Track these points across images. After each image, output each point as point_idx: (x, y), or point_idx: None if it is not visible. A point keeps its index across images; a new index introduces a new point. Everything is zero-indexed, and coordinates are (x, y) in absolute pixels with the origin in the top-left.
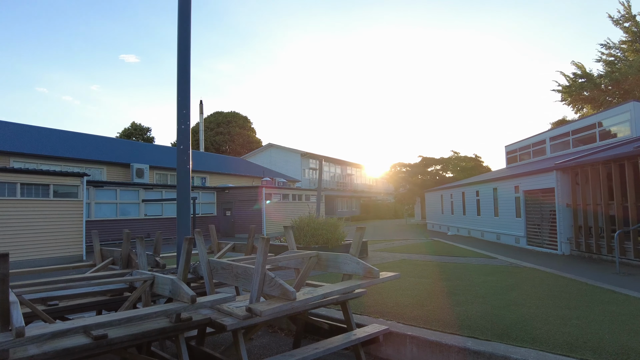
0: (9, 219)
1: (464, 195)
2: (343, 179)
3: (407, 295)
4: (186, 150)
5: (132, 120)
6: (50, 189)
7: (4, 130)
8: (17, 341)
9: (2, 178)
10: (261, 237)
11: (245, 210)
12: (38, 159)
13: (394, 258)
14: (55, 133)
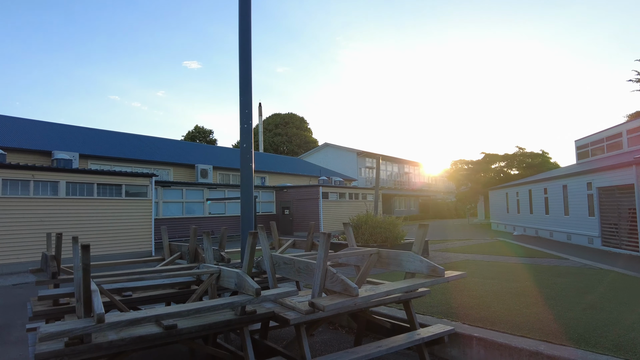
0: (87, 217)
1: (530, 193)
2: (400, 177)
3: (472, 296)
4: (249, 148)
5: (195, 124)
6: (123, 189)
7: (82, 135)
8: (98, 326)
9: (82, 179)
10: (322, 232)
11: (303, 208)
12: (111, 161)
13: (457, 258)
14: (126, 137)
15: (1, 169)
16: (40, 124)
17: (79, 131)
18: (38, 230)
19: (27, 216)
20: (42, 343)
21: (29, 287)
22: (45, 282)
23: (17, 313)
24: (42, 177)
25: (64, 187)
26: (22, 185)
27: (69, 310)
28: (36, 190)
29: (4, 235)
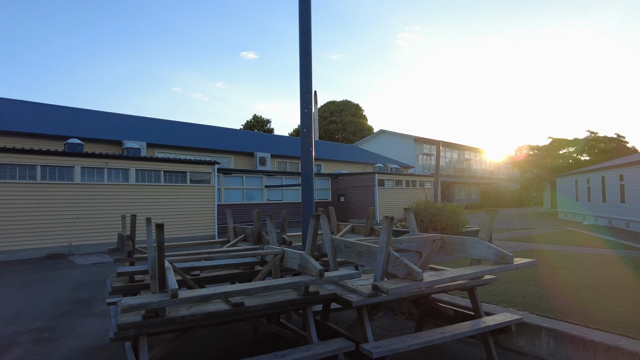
0: (155, 202)
1: (603, 180)
2: (460, 164)
3: (539, 285)
4: (309, 133)
5: (253, 113)
6: (187, 176)
7: (149, 126)
8: (172, 301)
9: (150, 166)
10: (385, 216)
11: (358, 196)
12: (176, 150)
13: (522, 248)
14: (190, 126)
15: (80, 157)
16: (111, 115)
17: (146, 122)
18: (111, 214)
19: (102, 201)
20: (123, 315)
21: (106, 266)
22: (123, 260)
23: (98, 289)
24: (114, 165)
25: (134, 174)
26: (97, 173)
27: (143, 286)
28: (109, 177)
29: (83, 218)
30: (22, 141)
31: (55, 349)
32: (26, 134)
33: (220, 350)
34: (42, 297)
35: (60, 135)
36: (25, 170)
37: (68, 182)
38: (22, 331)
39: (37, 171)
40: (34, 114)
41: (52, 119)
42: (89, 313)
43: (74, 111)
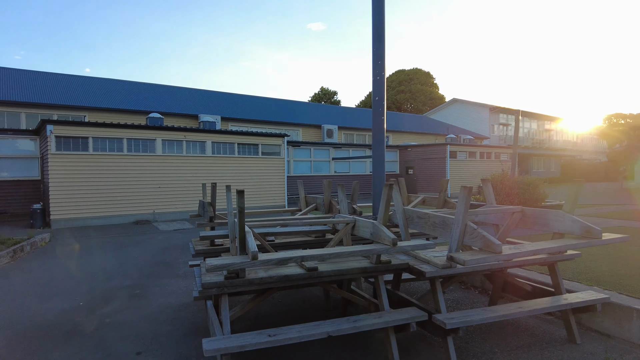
0: (229, 173)
1: None
2: (539, 135)
3: (627, 265)
4: (381, 101)
5: (320, 85)
6: (259, 148)
7: (222, 100)
8: (252, 263)
9: (224, 139)
10: (463, 186)
11: (427, 168)
12: (247, 123)
13: (608, 224)
14: (260, 100)
15: (161, 130)
16: (188, 90)
17: (219, 96)
18: (190, 183)
19: (181, 172)
20: (207, 274)
21: (186, 232)
22: (205, 224)
23: (179, 253)
24: (191, 138)
25: (210, 146)
26: (176, 145)
27: (224, 250)
28: (187, 149)
29: (164, 187)
30: (110, 116)
31: (146, 305)
32: (113, 110)
33: (292, 313)
34: (133, 258)
35: (142, 110)
36: (114, 143)
37: (151, 153)
38: (118, 287)
39: (124, 144)
40: (120, 91)
41: (135, 95)
42: (173, 274)
43: (154, 87)
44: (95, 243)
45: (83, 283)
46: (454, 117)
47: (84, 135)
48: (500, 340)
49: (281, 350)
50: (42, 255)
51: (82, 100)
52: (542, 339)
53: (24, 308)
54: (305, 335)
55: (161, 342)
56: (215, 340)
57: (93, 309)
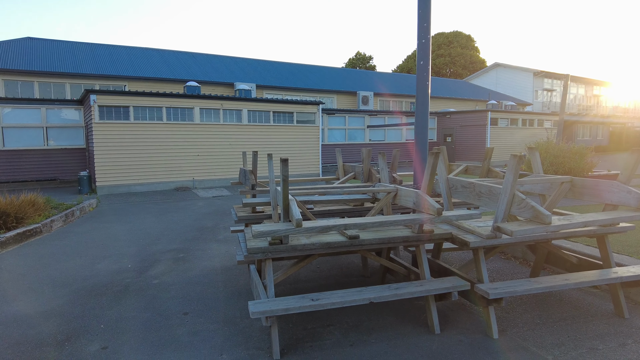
0: (265, 141)
1: None
2: (587, 101)
3: None
4: (426, 65)
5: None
6: (294, 116)
7: (257, 68)
8: (296, 230)
9: (260, 107)
10: (512, 154)
11: (467, 136)
12: (282, 90)
13: None
14: (294, 67)
15: (198, 99)
16: (223, 58)
17: (253, 63)
18: (227, 151)
19: (218, 140)
20: (252, 240)
21: (225, 199)
22: (247, 191)
23: (220, 218)
24: (228, 106)
25: (246, 114)
26: (214, 113)
27: (265, 217)
28: (224, 118)
29: (203, 155)
30: (149, 85)
31: (190, 268)
32: (152, 79)
33: (331, 279)
34: (175, 223)
35: (180, 79)
36: (153, 112)
37: (189, 122)
38: (162, 251)
39: (163, 112)
40: (157, 60)
41: (172, 64)
42: (214, 239)
43: (191, 55)
44: (139, 208)
45: (130, 246)
46: (495, 82)
47: (125, 105)
48: (542, 312)
49: (321, 313)
50: (91, 220)
51: (122, 69)
52: (586, 311)
53: (78, 268)
54: (347, 300)
55: (206, 304)
56: (260, 303)
57: (141, 271)
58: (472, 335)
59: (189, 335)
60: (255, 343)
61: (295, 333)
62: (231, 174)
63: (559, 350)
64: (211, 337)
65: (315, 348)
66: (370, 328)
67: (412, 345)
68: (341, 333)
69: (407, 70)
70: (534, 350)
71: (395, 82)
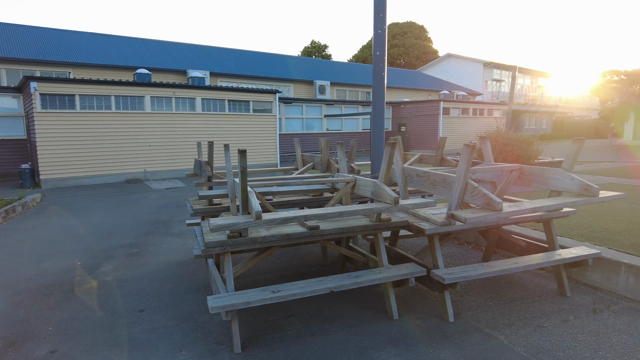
0: (220, 130)
1: None
2: (533, 91)
3: (618, 221)
4: (382, 56)
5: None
6: (250, 105)
7: (211, 55)
8: (256, 222)
9: (215, 95)
10: (465, 144)
11: (420, 125)
12: (237, 78)
13: (598, 181)
14: (250, 55)
15: (149, 87)
16: (175, 45)
17: (207, 50)
18: (180, 141)
19: (171, 129)
20: (210, 234)
21: (179, 191)
22: (203, 184)
23: (175, 211)
24: (181, 95)
25: (200, 103)
26: (165, 102)
27: (223, 209)
28: (177, 106)
29: (155, 146)
30: (96, 72)
31: (145, 264)
32: (99, 66)
33: (291, 269)
34: (128, 217)
35: (129, 66)
36: (101, 100)
37: (140, 111)
38: (115, 246)
39: (111, 101)
40: (105, 46)
41: (120, 50)
42: (169, 233)
43: (141, 41)
44: (88, 202)
45: (79, 242)
46: (447, 72)
47: (71, 93)
48: (494, 294)
49: (282, 304)
50: (35, 216)
51: (66, 55)
52: (534, 292)
53: (22, 268)
54: (308, 291)
55: (163, 300)
56: (220, 297)
57: (92, 268)
58: (429, 319)
59: (146, 333)
60: (216, 338)
61: (256, 325)
62: (186, 165)
63: (509, 330)
64: (169, 334)
65: (276, 339)
66: (332, 317)
67: (372, 331)
68: (302, 323)
69: (363, 60)
70: (487, 332)
71: (351, 72)
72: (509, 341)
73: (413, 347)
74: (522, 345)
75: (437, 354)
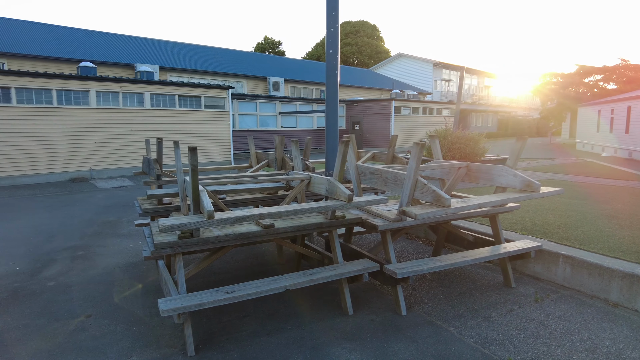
0: (170, 127)
1: (629, 111)
2: (480, 91)
3: (557, 215)
4: (335, 54)
5: (264, 34)
6: (202, 101)
7: (161, 48)
8: (208, 222)
9: (164, 90)
10: (415, 143)
11: (373, 123)
12: (188, 73)
13: (539, 177)
14: (201, 49)
15: (95, 81)
16: (122, 37)
17: (157, 44)
18: (128, 138)
19: (118, 126)
20: (160, 235)
21: (128, 190)
22: (152, 182)
23: (123, 211)
24: (128, 89)
25: (149, 98)
26: (112, 97)
27: (173, 209)
28: (124, 102)
29: (101, 143)
30: (36, 64)
31: (91, 266)
32: (38, 57)
33: (246, 269)
34: (72, 218)
35: (72, 59)
36: (41, 94)
37: (84, 106)
38: (58, 249)
39: (53, 95)
40: (45, 36)
41: (63, 41)
42: (117, 234)
43: (85, 33)
44: (28, 203)
45: (18, 246)
46: (399, 72)
47: (5, 85)
48: (444, 287)
49: (237, 305)
50: None
51: (0, 44)
52: (481, 284)
53: None
54: (263, 290)
55: (112, 303)
56: (172, 300)
57: (33, 273)
58: (383, 313)
59: (93, 339)
60: (168, 341)
61: (210, 327)
62: (134, 163)
63: (459, 322)
64: (118, 339)
65: (231, 340)
66: (287, 315)
67: (327, 328)
68: (257, 323)
69: (317, 57)
70: (438, 324)
71: (305, 69)
72: (459, 332)
73: (367, 341)
74: (471, 336)
75: (391, 347)
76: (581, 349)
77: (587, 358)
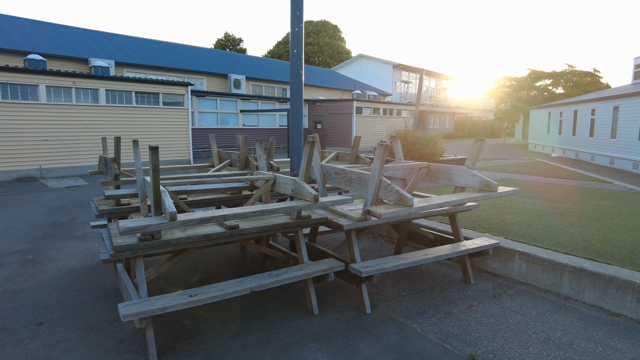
0: (127, 124)
1: (575, 114)
2: (437, 93)
3: (513, 213)
4: (299, 54)
5: (225, 31)
6: (160, 98)
7: (117, 43)
8: (170, 224)
9: (121, 87)
10: (379, 143)
11: (335, 123)
12: (146, 69)
13: (495, 177)
14: (159, 45)
15: (44, 75)
16: (75, 30)
17: (113, 38)
18: (82, 136)
19: (71, 123)
20: (119, 237)
21: (81, 190)
22: (109, 182)
23: (76, 212)
24: (82, 85)
25: (104, 94)
26: (64, 92)
27: (132, 210)
28: (78, 98)
29: (52, 140)
30: None
31: (42, 271)
32: None
33: (209, 270)
34: (20, 219)
35: (18, 50)
36: None
37: (33, 101)
38: (4, 253)
39: None
40: None
41: (7, 32)
42: (71, 236)
43: (34, 24)
44: None
45: None
46: (359, 72)
47: None
48: (407, 284)
49: (200, 308)
50: None
51: None
52: (442, 281)
53: None
54: (228, 292)
55: (66, 310)
56: (132, 304)
57: None
58: (348, 312)
59: (46, 348)
60: (128, 347)
61: (172, 332)
62: (89, 162)
63: (422, 318)
64: (74, 347)
65: (194, 344)
66: (252, 316)
67: (293, 328)
68: (222, 326)
69: (279, 56)
70: (401, 321)
71: (267, 67)
72: (422, 329)
73: (333, 340)
74: (434, 332)
75: (356, 345)
76: (536, 340)
77: (541, 349)
